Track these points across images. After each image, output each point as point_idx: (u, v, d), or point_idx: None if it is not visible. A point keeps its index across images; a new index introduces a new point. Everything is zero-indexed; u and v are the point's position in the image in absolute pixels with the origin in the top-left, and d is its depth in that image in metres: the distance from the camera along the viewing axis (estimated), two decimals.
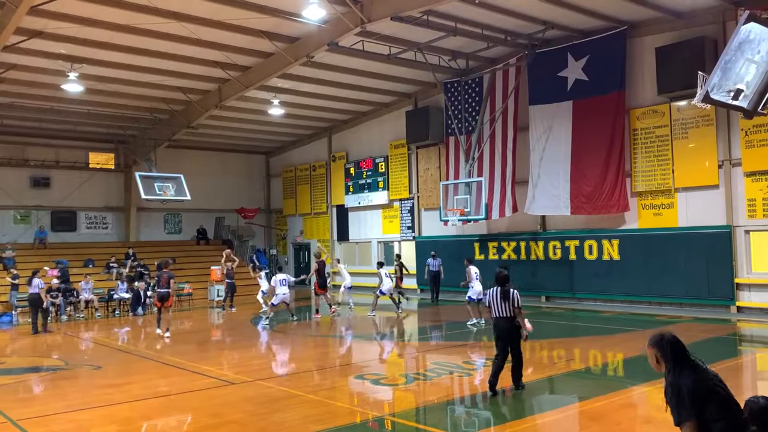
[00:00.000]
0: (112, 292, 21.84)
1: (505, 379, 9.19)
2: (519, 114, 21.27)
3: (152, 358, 12.92)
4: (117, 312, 21.46)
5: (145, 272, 23.97)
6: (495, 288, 8.96)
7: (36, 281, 17.50)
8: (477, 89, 22.40)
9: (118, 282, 22.15)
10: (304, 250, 32.15)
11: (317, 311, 19.24)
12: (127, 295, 21.66)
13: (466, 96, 22.59)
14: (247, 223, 32.93)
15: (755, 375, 11.32)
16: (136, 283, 22.02)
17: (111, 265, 25.06)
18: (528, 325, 8.92)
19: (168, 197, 23.85)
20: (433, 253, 22.85)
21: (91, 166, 29.35)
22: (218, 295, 23.68)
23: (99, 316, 20.80)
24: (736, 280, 17.05)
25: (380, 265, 19.41)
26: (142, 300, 21.43)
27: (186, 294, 24.10)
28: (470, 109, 22.50)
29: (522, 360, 9.03)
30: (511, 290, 8.88)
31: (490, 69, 21.64)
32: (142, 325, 19.08)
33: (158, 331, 15.88)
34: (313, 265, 20.34)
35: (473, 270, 16.23)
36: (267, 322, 17.42)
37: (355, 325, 17.68)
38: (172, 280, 15.91)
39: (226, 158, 32.80)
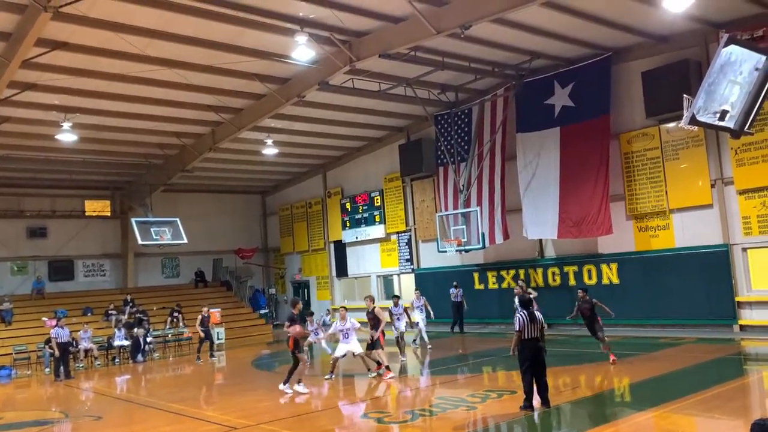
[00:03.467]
0: (111, 340, 21.65)
1: (508, 407, 9.06)
2: (508, 142, 21.47)
3: (154, 405, 12.76)
4: (117, 360, 21.25)
5: (144, 318, 23.83)
6: (522, 312, 9.66)
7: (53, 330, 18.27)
8: (467, 120, 22.62)
9: (116, 329, 21.96)
10: (303, 288, 32.02)
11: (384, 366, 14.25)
12: (126, 342, 21.48)
13: (457, 128, 22.80)
14: (245, 264, 32.85)
15: (762, 394, 11.23)
16: (135, 330, 21.85)
17: (110, 312, 24.90)
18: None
19: (165, 242, 23.90)
20: (455, 283, 22.34)
21: (87, 213, 29.36)
22: (218, 338, 23.47)
23: (99, 364, 20.58)
24: (737, 299, 17.01)
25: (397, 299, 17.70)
26: (142, 347, 21.25)
27: (186, 338, 23.90)
28: (461, 141, 22.70)
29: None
30: (536, 313, 9.71)
31: (479, 100, 21.90)
32: (143, 372, 18.89)
33: None
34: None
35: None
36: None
37: (356, 363, 17.51)
38: None
39: (221, 199, 32.87)
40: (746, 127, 8.82)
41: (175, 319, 24.87)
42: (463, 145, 22.62)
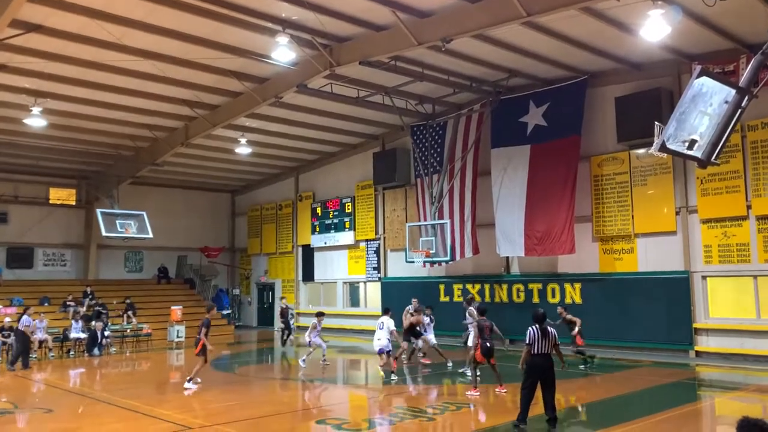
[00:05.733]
0: (67, 332, 21.14)
1: (465, 420, 9.04)
2: (481, 158, 21.66)
3: (106, 401, 12.49)
4: (72, 352, 20.77)
5: (104, 311, 23.33)
6: (534, 326, 9.49)
7: (24, 318, 18.23)
8: (442, 133, 22.75)
9: (72, 321, 21.46)
10: (268, 290, 31.75)
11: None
12: (83, 335, 21.00)
13: (431, 140, 22.93)
14: (211, 263, 32.44)
15: (714, 420, 11.45)
16: (93, 323, 21.38)
17: (68, 303, 24.31)
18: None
19: (129, 235, 23.47)
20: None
21: (51, 201, 28.73)
22: (178, 336, 23.12)
23: (53, 356, 20.05)
24: (695, 325, 17.35)
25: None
26: (99, 340, 20.79)
27: (145, 335, 23.48)
28: (435, 153, 22.82)
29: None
30: (549, 328, 9.46)
31: (455, 114, 22.07)
32: (98, 366, 18.50)
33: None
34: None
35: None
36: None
37: (321, 369, 17.41)
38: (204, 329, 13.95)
39: (190, 196, 32.46)
40: (713, 158, 9.01)
41: (127, 315, 24.29)
42: (437, 158, 22.75)
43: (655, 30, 13.13)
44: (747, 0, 13.17)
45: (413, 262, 21.99)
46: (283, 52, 15.82)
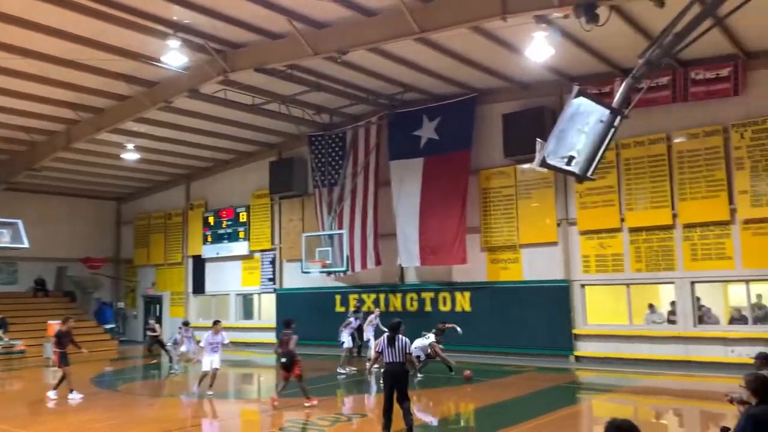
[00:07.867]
0: None
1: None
2: (380, 169, 21.95)
3: None
4: None
5: None
6: (384, 336, 9.72)
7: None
8: (340, 144, 22.86)
9: None
10: (156, 303, 30.41)
11: None
12: None
13: (330, 150, 22.96)
14: (93, 274, 30.66)
15: (592, 420, 12.14)
16: None
17: None
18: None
19: (2, 245, 21.88)
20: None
21: None
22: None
23: None
24: (574, 331, 18.36)
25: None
26: None
27: (18, 351, 21.80)
28: (333, 163, 22.87)
29: (409, 403, 9.45)
30: (398, 337, 9.54)
31: (353, 125, 22.24)
32: None
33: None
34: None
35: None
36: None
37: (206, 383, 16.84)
38: None
39: (72, 203, 30.53)
40: (589, 173, 9.65)
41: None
42: (336, 168, 22.79)
43: (540, 51, 13.86)
44: (620, 27, 14.19)
45: (309, 272, 21.86)
46: (174, 55, 15.31)
